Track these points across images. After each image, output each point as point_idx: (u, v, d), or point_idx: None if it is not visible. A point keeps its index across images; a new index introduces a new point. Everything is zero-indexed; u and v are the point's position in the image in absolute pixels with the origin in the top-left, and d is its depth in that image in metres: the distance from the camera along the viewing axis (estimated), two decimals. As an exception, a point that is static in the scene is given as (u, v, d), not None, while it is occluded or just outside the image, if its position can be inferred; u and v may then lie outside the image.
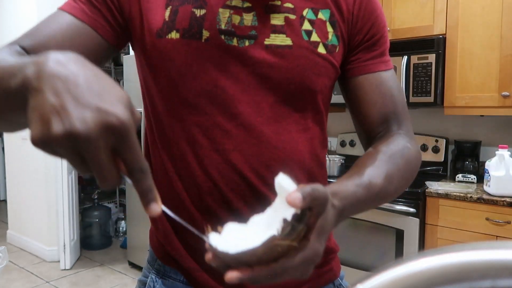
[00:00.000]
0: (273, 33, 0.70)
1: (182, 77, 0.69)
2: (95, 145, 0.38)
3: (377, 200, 0.64)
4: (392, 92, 0.78)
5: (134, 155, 0.41)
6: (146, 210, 0.44)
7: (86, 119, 0.38)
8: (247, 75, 0.69)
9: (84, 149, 0.38)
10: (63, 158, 0.41)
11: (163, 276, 0.78)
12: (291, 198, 0.45)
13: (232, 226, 0.50)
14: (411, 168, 0.72)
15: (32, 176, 3.89)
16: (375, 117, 0.76)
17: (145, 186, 0.43)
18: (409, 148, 0.73)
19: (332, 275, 0.81)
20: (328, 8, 0.74)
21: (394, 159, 0.68)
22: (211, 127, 0.69)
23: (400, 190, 0.70)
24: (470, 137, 2.72)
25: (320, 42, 0.72)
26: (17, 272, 3.56)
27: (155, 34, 0.69)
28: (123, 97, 0.41)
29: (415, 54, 2.50)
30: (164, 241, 0.77)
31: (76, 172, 3.81)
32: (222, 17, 0.69)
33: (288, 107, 0.72)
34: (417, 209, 2.31)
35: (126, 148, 0.40)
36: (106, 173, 0.40)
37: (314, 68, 0.72)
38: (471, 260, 0.26)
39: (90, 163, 0.40)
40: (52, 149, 0.39)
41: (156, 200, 0.44)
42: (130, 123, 0.40)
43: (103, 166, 0.40)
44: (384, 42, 0.79)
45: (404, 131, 0.77)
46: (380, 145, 0.71)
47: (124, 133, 0.39)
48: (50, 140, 0.38)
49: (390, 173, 0.66)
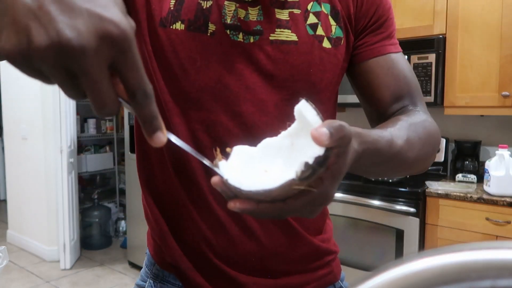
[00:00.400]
0: (278, 28, 0.68)
1: (185, 71, 0.67)
2: (91, 59, 0.31)
3: (395, 161, 0.60)
4: (405, 74, 0.75)
5: (136, 74, 0.35)
6: (150, 140, 0.39)
7: (77, 26, 0.31)
8: (251, 73, 0.68)
9: (76, 65, 0.31)
10: (48, 79, 0.34)
11: (161, 281, 0.77)
12: (318, 134, 0.38)
13: (241, 149, 0.46)
14: (432, 141, 0.69)
15: (32, 176, 3.89)
16: (389, 100, 0.74)
17: (148, 112, 0.37)
18: (430, 122, 0.71)
19: (333, 277, 0.80)
20: (328, 2, 0.73)
21: (416, 127, 0.65)
22: (213, 124, 0.68)
23: (419, 161, 0.66)
24: (470, 137, 2.72)
25: (324, 36, 0.71)
26: (17, 272, 3.56)
27: (159, 22, 0.67)
28: (124, 11, 0.35)
29: (415, 54, 2.50)
30: (160, 241, 0.76)
31: (75, 175, 3.81)
32: (228, 10, 0.67)
33: (293, 106, 0.70)
34: (417, 209, 2.31)
35: (127, 64, 0.34)
36: (104, 96, 0.34)
37: (319, 64, 0.70)
38: (471, 260, 0.26)
39: (84, 84, 0.33)
40: (31, 67, 0.32)
41: (161, 128, 0.39)
42: (131, 32, 0.34)
43: (100, 86, 0.33)
44: (391, 25, 0.77)
45: (422, 109, 0.75)
46: (400, 116, 0.68)
47: (125, 44, 0.33)
48: (30, 54, 0.31)
49: (411, 139, 0.62)
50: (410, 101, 0.74)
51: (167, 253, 0.75)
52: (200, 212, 0.71)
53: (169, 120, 0.70)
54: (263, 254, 0.71)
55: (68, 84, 0.33)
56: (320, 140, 0.38)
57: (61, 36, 0.30)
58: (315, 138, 0.39)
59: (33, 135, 3.77)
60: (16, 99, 3.98)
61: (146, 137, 0.39)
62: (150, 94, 0.37)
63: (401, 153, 0.59)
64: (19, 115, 3.96)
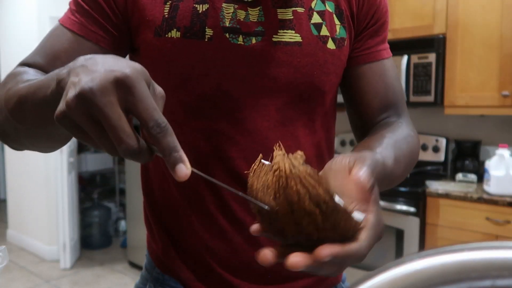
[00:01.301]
0: (281, 29, 0.66)
1: (183, 80, 0.65)
2: (104, 99, 0.38)
3: (387, 181, 0.60)
4: (393, 82, 0.76)
5: (146, 107, 0.39)
6: (173, 173, 0.40)
7: (94, 79, 0.38)
8: (253, 77, 0.65)
9: (95, 108, 0.38)
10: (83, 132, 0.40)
11: (161, 285, 0.76)
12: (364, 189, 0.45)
13: None
14: (414, 156, 0.70)
15: (32, 175, 3.89)
16: (376, 107, 0.74)
17: (165, 144, 0.39)
18: (412, 136, 0.71)
19: (335, 279, 0.80)
20: (332, 1, 0.71)
21: (400, 145, 0.66)
22: (214, 133, 0.66)
23: (403, 177, 0.67)
24: (470, 137, 2.72)
25: (329, 36, 0.69)
26: (17, 272, 3.56)
27: (153, 32, 0.64)
28: (136, 65, 0.41)
29: (415, 54, 2.50)
30: (160, 251, 0.75)
31: (75, 175, 3.80)
32: (226, 13, 0.64)
33: (296, 110, 0.69)
34: (417, 208, 2.31)
35: (135, 99, 0.39)
36: (119, 131, 0.38)
37: (323, 66, 0.68)
38: (471, 260, 0.26)
39: (104, 124, 0.38)
40: (71, 122, 0.39)
41: (182, 160, 0.40)
42: (137, 77, 0.39)
43: (113, 122, 0.38)
44: (386, 28, 0.77)
45: (405, 120, 0.75)
46: (384, 131, 0.68)
47: (130, 83, 0.39)
48: (66, 110, 0.38)
49: (398, 157, 0.62)
50: (395, 111, 0.75)
51: (168, 263, 0.75)
52: (202, 222, 0.70)
53: None
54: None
55: (97, 131, 0.39)
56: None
57: (82, 88, 0.38)
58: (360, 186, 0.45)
59: (33, 134, 3.76)
60: (16, 98, 3.98)
61: (170, 171, 0.40)
62: (164, 126, 0.39)
63: (393, 173, 0.60)
64: (19, 114, 3.96)
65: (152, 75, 0.68)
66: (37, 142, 0.59)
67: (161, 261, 0.76)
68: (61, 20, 0.67)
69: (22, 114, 0.54)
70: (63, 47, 0.65)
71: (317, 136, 0.73)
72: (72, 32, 0.65)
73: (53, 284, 3.34)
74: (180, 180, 0.40)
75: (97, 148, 0.42)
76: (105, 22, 0.65)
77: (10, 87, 0.57)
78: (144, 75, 0.41)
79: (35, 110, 0.51)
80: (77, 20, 0.65)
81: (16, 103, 0.54)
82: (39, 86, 0.49)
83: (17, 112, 0.54)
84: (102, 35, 0.66)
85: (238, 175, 0.67)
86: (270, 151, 0.66)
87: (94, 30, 0.65)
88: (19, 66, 0.66)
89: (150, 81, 0.42)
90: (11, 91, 0.56)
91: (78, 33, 0.65)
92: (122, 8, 0.65)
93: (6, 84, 0.59)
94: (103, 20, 0.65)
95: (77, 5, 0.66)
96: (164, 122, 0.39)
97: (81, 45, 0.65)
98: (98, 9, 0.65)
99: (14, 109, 0.54)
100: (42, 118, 0.51)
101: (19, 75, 0.59)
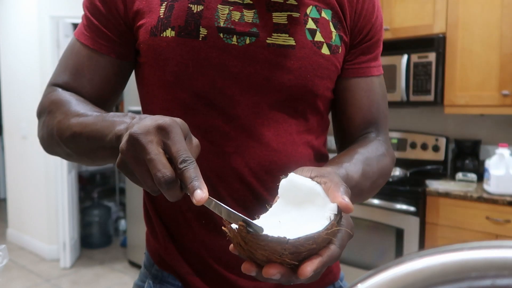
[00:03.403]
0: (275, 32, 0.68)
1: (177, 78, 0.67)
2: (145, 138, 0.47)
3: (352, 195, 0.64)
4: (378, 100, 0.78)
5: (177, 148, 0.47)
6: (192, 198, 0.46)
7: (141, 126, 0.49)
8: (247, 76, 0.67)
9: (140, 149, 0.47)
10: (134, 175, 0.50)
11: (160, 282, 0.76)
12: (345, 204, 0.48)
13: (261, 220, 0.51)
14: (384, 174, 0.73)
15: (32, 174, 3.89)
16: (358, 121, 0.77)
17: (188, 175, 0.46)
18: (385, 156, 0.74)
19: (332, 277, 0.80)
20: (329, 9, 0.72)
21: (370, 161, 0.69)
22: (210, 129, 0.68)
23: (371, 192, 0.72)
24: (470, 136, 2.72)
25: (324, 42, 0.70)
26: (17, 271, 3.57)
27: (149, 32, 0.67)
28: (178, 119, 0.51)
29: (415, 53, 2.50)
30: (160, 245, 0.76)
31: (75, 174, 3.81)
32: (221, 13, 0.66)
33: (289, 109, 0.70)
34: (417, 207, 2.31)
35: (171, 143, 0.48)
36: (157, 163, 0.46)
37: (317, 70, 0.70)
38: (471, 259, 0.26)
39: (145, 159, 0.47)
40: (127, 169, 0.50)
41: (200, 187, 0.46)
42: (175, 125, 0.49)
43: (154, 156, 0.46)
44: (379, 46, 0.79)
45: (383, 138, 0.77)
46: (358, 147, 0.71)
47: (167, 128, 0.48)
48: (121, 156, 0.49)
49: (366, 172, 0.66)
50: (375, 128, 0.78)
51: (167, 258, 0.75)
52: (199, 217, 0.70)
53: None
54: None
55: (142, 171, 0.48)
56: (349, 208, 0.48)
57: (131, 132, 0.48)
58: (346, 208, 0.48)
59: (33, 134, 3.76)
60: (16, 98, 3.98)
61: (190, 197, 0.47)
62: (189, 161, 0.47)
63: (358, 186, 0.63)
64: (19, 114, 3.96)
65: (149, 73, 0.70)
66: (82, 162, 0.69)
67: (160, 257, 0.77)
68: (77, 34, 0.74)
69: (75, 146, 0.64)
70: (84, 64, 0.73)
71: (311, 136, 0.74)
72: (87, 47, 0.72)
73: (53, 283, 3.34)
74: (198, 204, 0.46)
75: (142, 187, 0.52)
76: (112, 34, 0.71)
77: (60, 119, 0.66)
78: (182, 125, 0.51)
79: (89, 147, 0.61)
80: (89, 35, 0.72)
81: (70, 137, 0.63)
82: (95, 130, 0.59)
83: (70, 143, 0.64)
84: (111, 47, 0.72)
85: (234, 170, 0.68)
86: (266, 147, 0.68)
87: (103, 44, 0.71)
88: (51, 87, 0.74)
89: (188, 133, 0.52)
90: (63, 124, 0.65)
91: (92, 48, 0.72)
92: (124, 16, 0.70)
93: (54, 114, 0.68)
94: (110, 32, 0.71)
95: (87, 19, 0.72)
96: (191, 159, 0.47)
97: (98, 58, 0.72)
98: (105, 22, 0.70)
99: (67, 140, 0.64)
100: (94, 153, 0.62)
101: (64, 106, 0.68)
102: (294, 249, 0.44)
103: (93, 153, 0.62)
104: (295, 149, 0.71)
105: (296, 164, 0.71)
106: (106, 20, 0.70)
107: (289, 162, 0.70)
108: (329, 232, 0.46)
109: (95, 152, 0.61)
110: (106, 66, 0.72)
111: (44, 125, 0.71)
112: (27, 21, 3.76)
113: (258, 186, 0.69)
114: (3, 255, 0.62)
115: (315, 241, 0.45)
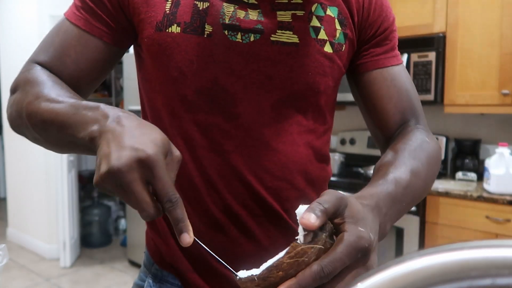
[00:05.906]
0: (280, 29, 0.68)
1: (181, 73, 0.67)
2: (128, 176, 0.46)
3: (410, 196, 0.61)
4: (406, 87, 0.77)
5: (162, 185, 0.47)
6: (179, 239, 0.48)
7: (121, 157, 0.46)
8: (250, 73, 0.67)
9: (121, 182, 0.46)
10: (116, 195, 0.49)
11: (160, 281, 0.76)
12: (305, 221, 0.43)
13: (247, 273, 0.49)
14: (434, 161, 0.70)
15: (32, 174, 3.89)
16: (391, 112, 0.75)
17: (175, 216, 0.47)
18: (428, 142, 0.71)
19: None
20: (335, 6, 0.72)
21: (416, 154, 0.66)
22: (210, 126, 0.68)
23: (430, 184, 0.68)
24: (470, 135, 2.72)
25: (327, 40, 0.71)
26: (17, 270, 3.57)
27: (155, 27, 0.67)
28: (157, 139, 0.49)
29: (415, 52, 2.50)
30: (160, 242, 0.76)
31: (75, 173, 3.81)
32: (226, 11, 0.67)
33: (290, 108, 0.70)
34: (417, 207, 2.31)
35: (154, 179, 0.47)
36: (142, 203, 0.46)
37: (319, 68, 0.70)
38: (471, 258, 0.26)
39: (129, 195, 0.46)
40: (105, 188, 0.48)
41: (187, 230, 0.48)
42: (157, 157, 0.47)
43: (137, 196, 0.46)
44: (394, 37, 0.78)
45: (422, 125, 0.75)
46: (398, 144, 0.69)
47: (150, 164, 0.46)
48: (100, 180, 0.47)
49: (415, 168, 0.63)
50: (412, 115, 0.76)
51: (166, 253, 0.75)
52: (198, 214, 0.70)
53: (165, 124, 0.70)
54: (262, 255, 0.71)
55: (125, 198, 0.47)
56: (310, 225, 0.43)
57: (112, 166, 0.46)
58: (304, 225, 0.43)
59: (33, 133, 3.76)
60: (16, 97, 3.98)
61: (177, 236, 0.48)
62: (175, 201, 0.47)
63: (410, 185, 0.60)
64: (19, 113, 3.96)
65: (152, 69, 0.70)
66: (50, 149, 0.67)
67: (160, 255, 0.77)
68: (67, 14, 0.72)
69: (44, 133, 0.62)
70: (71, 44, 0.70)
71: (312, 134, 0.74)
72: (77, 27, 0.70)
73: (53, 283, 3.35)
74: (183, 245, 0.48)
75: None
76: (108, 18, 0.70)
77: (31, 100, 0.63)
78: (163, 148, 0.48)
79: (58, 138, 0.59)
80: (82, 16, 0.70)
81: (39, 123, 0.61)
82: (67, 123, 0.56)
83: (39, 129, 0.62)
84: (105, 30, 0.70)
85: (233, 168, 0.68)
86: (266, 146, 0.68)
87: (97, 26, 0.70)
88: (30, 64, 0.71)
89: (168, 149, 0.50)
90: (32, 106, 0.62)
91: (83, 29, 0.70)
92: (125, 5, 0.69)
93: (26, 94, 0.65)
94: (106, 16, 0.70)
95: (81, 1, 0.70)
96: (176, 198, 0.47)
97: (87, 41, 0.70)
98: (101, 6, 0.69)
99: (36, 126, 0.62)
100: (64, 144, 0.60)
101: (38, 86, 0.65)
102: (265, 283, 0.44)
103: (62, 143, 0.61)
104: (295, 149, 0.71)
105: (296, 164, 0.71)
106: (102, 4, 0.69)
107: (288, 162, 0.70)
108: (291, 254, 0.43)
109: (65, 144, 0.60)
110: (94, 50, 0.70)
111: (14, 103, 0.68)
112: (27, 20, 3.76)
113: (258, 186, 0.69)
114: (3, 254, 0.62)
115: (280, 268, 0.43)
